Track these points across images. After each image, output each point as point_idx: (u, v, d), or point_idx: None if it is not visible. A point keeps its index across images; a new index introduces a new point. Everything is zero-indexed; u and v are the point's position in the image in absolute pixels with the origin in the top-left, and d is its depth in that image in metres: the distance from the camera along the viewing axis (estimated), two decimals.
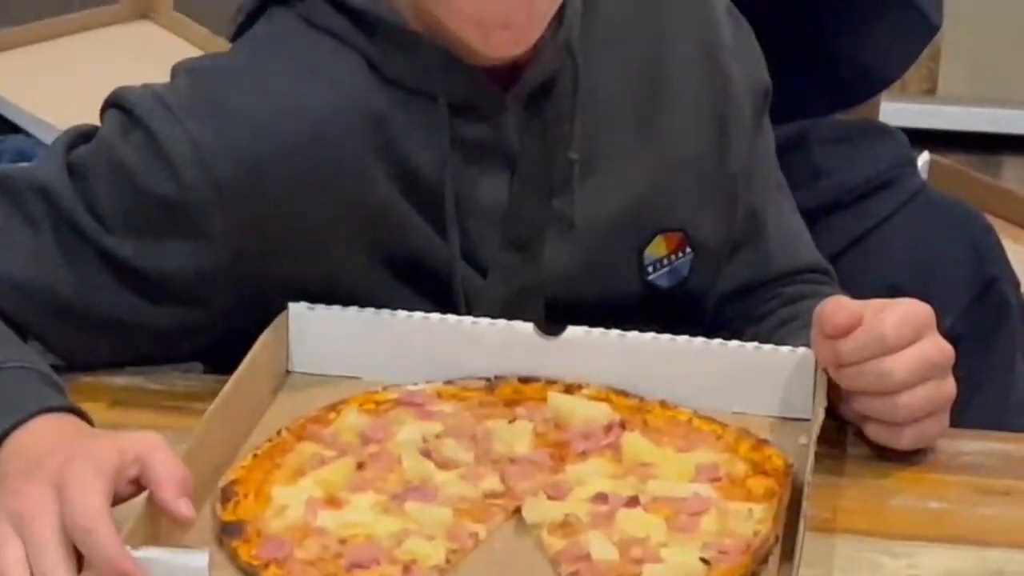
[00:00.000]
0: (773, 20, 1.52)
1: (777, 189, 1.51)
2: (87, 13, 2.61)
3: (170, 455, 1.08)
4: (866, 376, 1.22)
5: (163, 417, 1.15)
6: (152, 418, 1.13)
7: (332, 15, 1.32)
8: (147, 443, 1.08)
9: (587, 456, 1.22)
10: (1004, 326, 1.72)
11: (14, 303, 1.29)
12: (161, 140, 1.27)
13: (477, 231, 1.36)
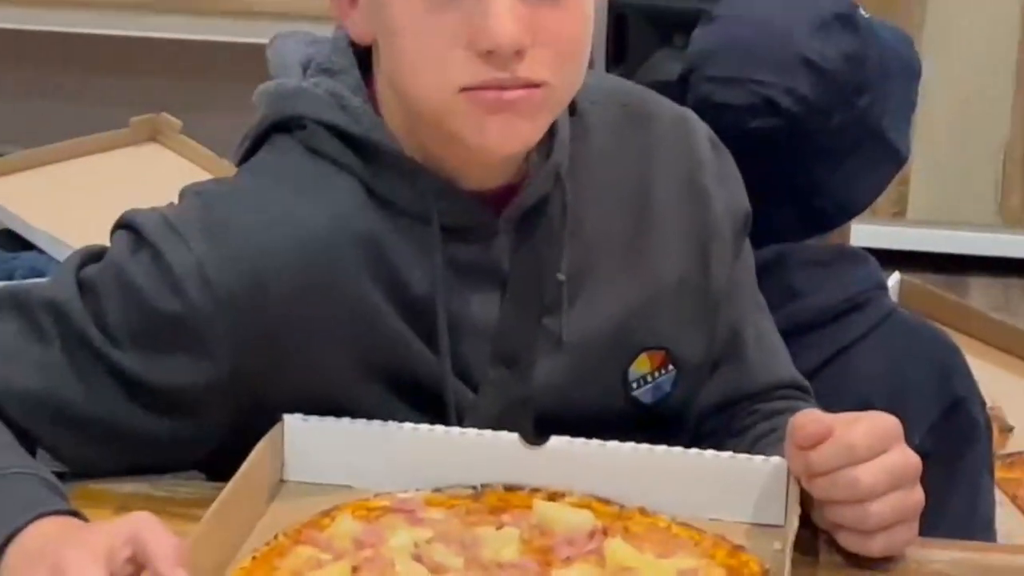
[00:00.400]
0: (753, 154, 1.54)
1: (757, 309, 1.52)
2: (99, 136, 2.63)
3: (161, 529, 1.09)
4: (836, 485, 1.23)
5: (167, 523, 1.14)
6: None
7: (331, 141, 1.33)
8: (137, 522, 1.10)
9: (572, 562, 1.21)
10: (971, 444, 1.73)
11: (24, 413, 1.30)
12: (167, 259, 1.27)
13: (468, 348, 1.36)
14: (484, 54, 1.22)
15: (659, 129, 1.45)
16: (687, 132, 1.47)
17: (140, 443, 1.34)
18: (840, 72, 1.76)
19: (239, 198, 1.35)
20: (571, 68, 1.29)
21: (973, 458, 1.74)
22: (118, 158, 2.62)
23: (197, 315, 1.28)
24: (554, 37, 1.25)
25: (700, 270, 1.44)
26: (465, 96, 1.24)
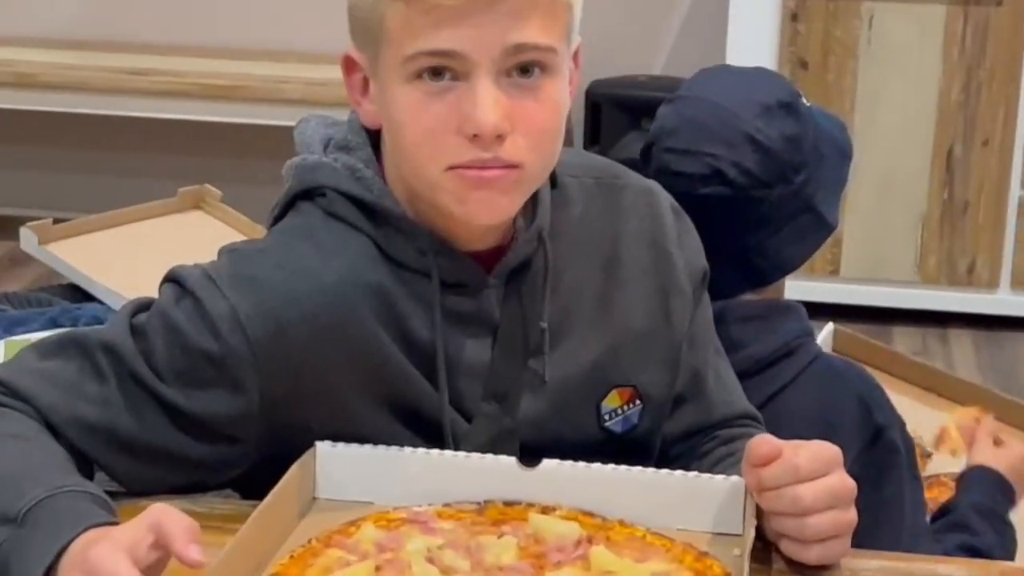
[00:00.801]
0: (702, 217, 1.54)
1: (715, 353, 1.53)
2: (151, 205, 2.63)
3: (177, 514, 1.11)
4: (781, 499, 1.23)
5: (205, 535, 1.13)
6: None
7: (347, 207, 1.34)
8: (155, 511, 1.11)
9: (562, 566, 1.22)
10: (893, 468, 1.74)
11: (84, 440, 1.30)
12: (207, 307, 1.28)
13: (463, 385, 1.37)
14: (470, 137, 1.24)
15: (628, 199, 1.46)
16: (652, 201, 1.48)
17: (183, 465, 1.34)
18: (781, 151, 1.77)
19: (267, 255, 1.35)
20: (545, 152, 1.31)
21: (896, 480, 1.73)
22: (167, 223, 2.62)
23: (231, 355, 1.29)
24: (531, 126, 1.26)
25: (663, 320, 1.45)
26: (452, 173, 1.26)
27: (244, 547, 1.18)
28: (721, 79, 1.89)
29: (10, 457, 1.24)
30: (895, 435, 1.76)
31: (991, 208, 3.74)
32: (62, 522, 1.15)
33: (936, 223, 3.75)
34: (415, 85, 1.27)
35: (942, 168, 3.73)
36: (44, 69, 4.00)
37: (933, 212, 3.75)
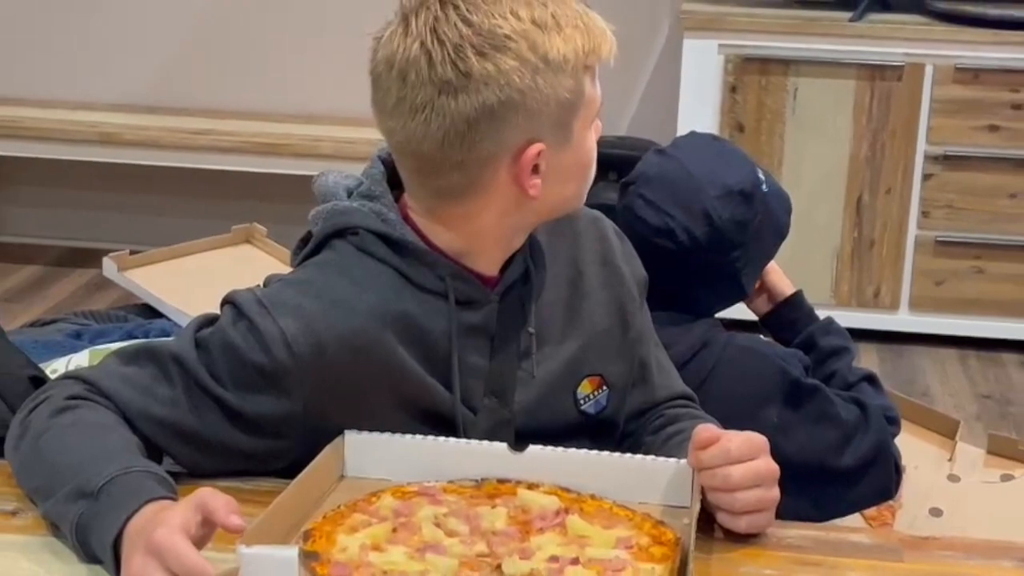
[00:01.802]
0: (646, 260, 1.56)
1: (655, 345, 1.54)
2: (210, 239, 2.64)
3: (219, 493, 1.11)
4: (715, 477, 1.24)
5: (250, 508, 1.14)
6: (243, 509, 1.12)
7: (377, 243, 1.34)
8: (200, 493, 1.11)
9: (544, 531, 1.23)
10: (815, 397, 1.79)
11: (154, 432, 1.30)
12: (260, 328, 1.28)
13: (470, 385, 1.37)
14: None
15: (580, 226, 1.47)
16: (600, 227, 1.50)
17: (236, 456, 1.34)
18: (727, 231, 1.79)
19: (310, 286, 1.35)
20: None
21: (821, 397, 1.78)
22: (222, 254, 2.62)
23: (280, 368, 1.29)
24: None
25: (619, 322, 1.46)
26: None
27: (284, 508, 1.19)
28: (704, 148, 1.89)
29: (93, 442, 1.24)
30: (808, 378, 1.78)
31: (892, 245, 3.74)
32: (129, 496, 1.16)
33: (848, 257, 3.76)
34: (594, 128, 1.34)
35: (853, 212, 3.73)
36: (123, 129, 3.99)
37: (845, 248, 3.75)
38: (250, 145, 3.92)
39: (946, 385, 3.56)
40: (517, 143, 1.28)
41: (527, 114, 1.26)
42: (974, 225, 3.72)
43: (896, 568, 1.24)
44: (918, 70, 3.65)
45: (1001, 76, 3.63)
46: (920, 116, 3.67)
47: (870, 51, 3.65)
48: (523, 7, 1.26)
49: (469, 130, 1.26)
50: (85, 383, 1.31)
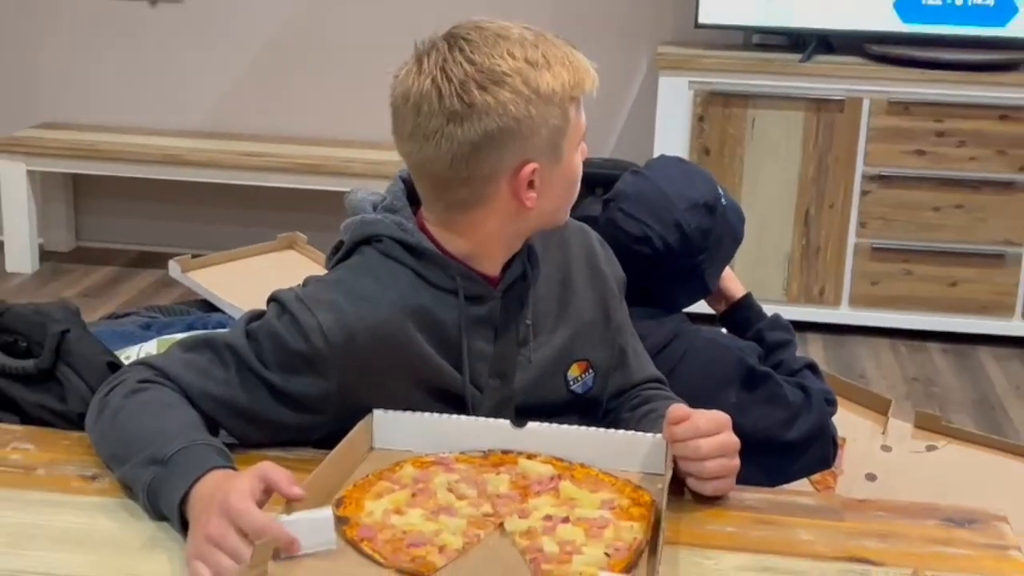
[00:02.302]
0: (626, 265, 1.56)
1: (632, 335, 1.54)
2: (259, 245, 2.65)
3: (279, 467, 1.12)
4: (686, 448, 1.24)
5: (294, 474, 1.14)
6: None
7: (398, 249, 1.34)
8: (263, 466, 1.13)
9: (540, 494, 1.23)
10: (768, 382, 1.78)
11: (212, 409, 1.30)
12: (300, 321, 1.28)
13: (478, 368, 1.37)
14: None
15: (569, 235, 1.47)
16: (585, 236, 1.50)
17: (280, 429, 1.34)
18: (694, 238, 1.79)
19: (342, 285, 1.35)
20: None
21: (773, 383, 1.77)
22: (269, 258, 2.63)
23: (317, 353, 1.28)
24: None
25: (603, 315, 1.45)
26: None
27: (322, 477, 1.18)
28: (672, 168, 1.90)
29: (161, 418, 1.24)
30: (761, 366, 1.78)
31: (835, 251, 3.74)
32: (194, 465, 1.16)
33: (797, 261, 3.75)
34: (580, 150, 1.34)
35: (801, 223, 3.73)
36: (185, 152, 3.98)
37: (795, 253, 3.75)
38: (292, 165, 3.92)
39: (880, 370, 3.56)
40: (515, 162, 1.28)
41: (522, 138, 1.27)
42: (904, 234, 3.71)
43: (838, 527, 1.24)
44: (857, 103, 3.64)
45: (927, 109, 3.63)
46: (859, 142, 3.67)
47: (816, 87, 3.65)
48: (518, 48, 1.26)
49: (473, 152, 1.26)
50: (154, 368, 1.31)
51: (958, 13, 3.71)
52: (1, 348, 1.52)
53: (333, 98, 4.16)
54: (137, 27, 4.20)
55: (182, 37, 4.20)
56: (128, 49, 4.22)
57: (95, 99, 4.27)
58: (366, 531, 1.13)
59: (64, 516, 1.21)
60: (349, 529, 1.13)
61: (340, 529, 1.13)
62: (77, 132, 4.16)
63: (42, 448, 1.35)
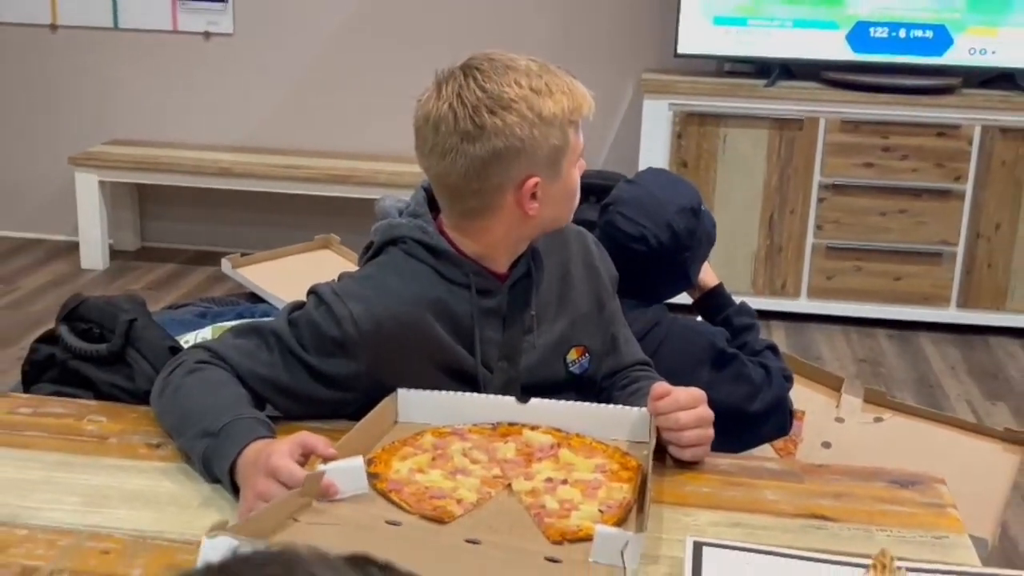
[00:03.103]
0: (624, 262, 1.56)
1: (622, 324, 1.53)
2: (298, 245, 2.65)
3: (313, 434, 1.14)
4: (668, 420, 1.24)
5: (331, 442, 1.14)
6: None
7: (419, 249, 1.33)
8: (301, 433, 1.14)
9: (542, 460, 1.23)
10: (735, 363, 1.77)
11: (259, 387, 1.30)
12: (335, 311, 1.28)
13: (488, 351, 1.36)
14: None
15: (568, 237, 1.46)
16: (582, 237, 1.49)
17: (317, 403, 1.33)
18: (682, 237, 1.78)
19: (371, 280, 1.35)
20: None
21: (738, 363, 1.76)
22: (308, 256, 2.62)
23: (348, 339, 1.28)
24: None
25: (597, 307, 1.44)
26: None
27: (352, 441, 1.19)
28: (660, 177, 1.90)
29: (214, 395, 1.25)
30: (729, 348, 1.78)
31: (795, 250, 3.73)
32: (241, 436, 1.16)
33: (763, 258, 3.74)
34: (578, 166, 1.32)
35: (766, 226, 3.72)
36: (235, 165, 3.98)
37: (761, 252, 3.74)
38: (327, 176, 3.92)
39: (833, 352, 3.55)
40: (519, 177, 1.28)
41: (526, 156, 1.26)
42: (854, 235, 3.70)
43: (798, 488, 1.24)
44: (814, 122, 3.63)
45: (875, 127, 3.62)
46: (816, 156, 3.66)
47: (779, 108, 3.64)
48: (524, 78, 1.26)
49: (483, 167, 1.26)
50: (209, 351, 1.31)
51: (902, 44, 3.70)
52: (78, 334, 1.52)
53: (362, 118, 4.16)
54: (193, 58, 4.21)
55: (231, 66, 4.20)
56: (185, 76, 4.22)
57: (157, 119, 4.27)
58: (394, 484, 1.14)
59: (132, 479, 1.22)
60: (379, 483, 1.14)
61: (371, 483, 1.14)
62: (142, 148, 4.15)
63: (113, 421, 1.36)
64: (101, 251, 4.13)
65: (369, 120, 4.14)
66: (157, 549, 1.08)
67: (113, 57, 4.23)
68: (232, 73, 4.21)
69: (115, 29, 4.19)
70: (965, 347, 3.62)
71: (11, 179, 4.39)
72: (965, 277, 3.69)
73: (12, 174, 4.38)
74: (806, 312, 3.76)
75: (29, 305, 3.74)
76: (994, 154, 3.61)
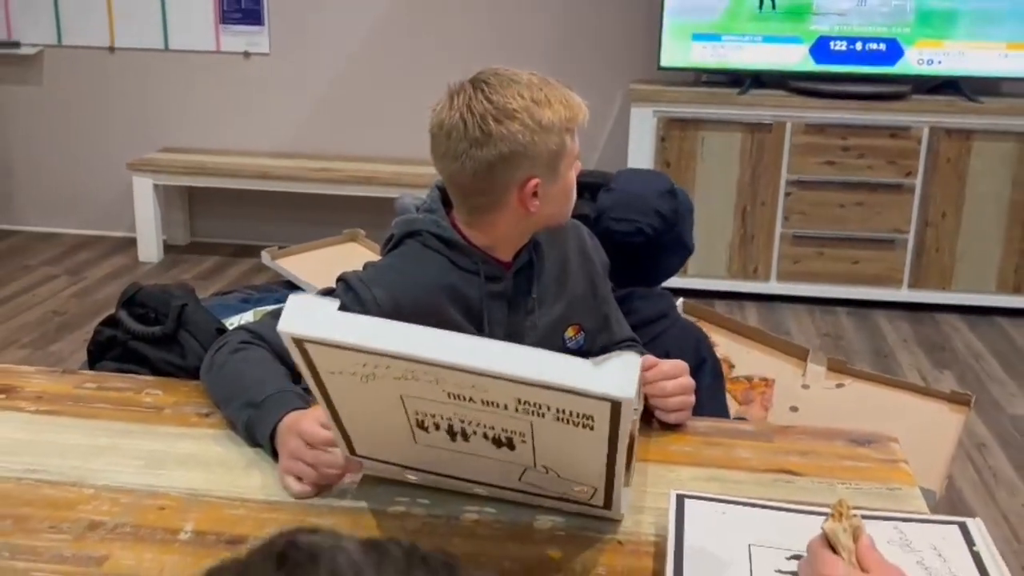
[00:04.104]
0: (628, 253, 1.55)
1: (614, 307, 1.52)
2: (327, 239, 2.67)
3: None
4: (655, 388, 1.24)
5: None
6: None
7: (434, 241, 1.32)
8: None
9: None
10: (712, 378, 1.74)
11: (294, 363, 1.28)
12: (361, 296, 1.27)
13: (495, 332, 1.35)
14: None
15: (566, 230, 1.44)
16: (578, 230, 1.47)
17: None
18: (669, 216, 1.77)
19: (392, 269, 1.33)
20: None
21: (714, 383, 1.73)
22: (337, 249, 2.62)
23: None
24: None
25: (591, 290, 1.43)
26: None
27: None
28: (633, 175, 1.90)
29: (256, 371, 1.24)
30: (711, 359, 1.77)
31: (765, 238, 3.71)
32: (278, 406, 1.15)
33: (737, 246, 3.73)
34: (574, 168, 1.30)
35: (740, 217, 3.70)
36: (273, 168, 3.97)
37: (735, 240, 3.72)
38: (354, 178, 3.90)
39: (800, 327, 3.55)
40: (522, 178, 1.27)
41: (528, 160, 1.25)
42: (818, 225, 3.68)
43: (768, 446, 1.24)
44: (782, 126, 3.61)
45: (835, 130, 3.60)
46: (783, 156, 3.64)
47: (751, 114, 3.62)
48: (525, 90, 1.25)
49: (490, 170, 1.25)
50: (251, 332, 1.30)
51: (858, 56, 3.68)
52: (136, 318, 1.53)
53: (384, 125, 4.14)
54: (235, 74, 4.20)
55: (268, 82, 4.19)
56: (229, 90, 4.21)
57: (203, 129, 4.26)
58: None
59: (185, 444, 1.22)
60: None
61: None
62: (190, 154, 4.15)
63: (168, 393, 1.36)
64: (156, 246, 4.13)
65: (390, 127, 4.12)
66: (207, 505, 1.09)
67: (164, 75, 4.23)
68: (269, 88, 4.20)
69: (165, 50, 4.19)
70: (915, 322, 3.61)
71: (76, 183, 4.39)
72: (915, 261, 3.68)
73: (77, 179, 4.39)
74: (775, 293, 3.75)
75: (94, 294, 3.74)
76: (940, 152, 3.59)
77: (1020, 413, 2.94)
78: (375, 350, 0.90)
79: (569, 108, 1.28)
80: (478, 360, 0.86)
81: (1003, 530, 2.33)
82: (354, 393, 0.95)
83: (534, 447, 0.96)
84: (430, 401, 0.94)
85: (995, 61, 3.63)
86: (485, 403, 0.92)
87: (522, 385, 0.86)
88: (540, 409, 0.89)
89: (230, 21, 4.12)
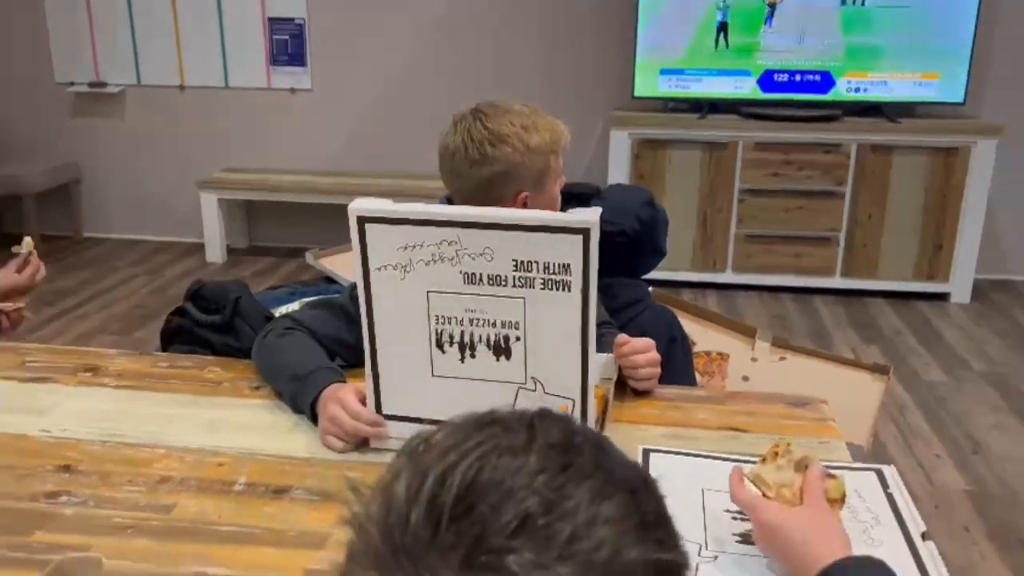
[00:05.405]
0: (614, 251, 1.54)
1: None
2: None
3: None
4: (628, 361, 1.23)
5: None
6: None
7: None
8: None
9: None
10: (681, 352, 1.72)
11: (331, 345, 1.28)
12: None
13: None
14: None
15: None
16: None
17: None
18: (648, 223, 1.76)
19: None
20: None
21: (683, 357, 1.70)
22: None
23: None
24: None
25: None
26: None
27: None
28: (620, 189, 1.89)
29: (299, 351, 1.24)
30: (680, 337, 1.75)
31: (723, 237, 3.69)
32: (320, 380, 1.15)
33: (699, 244, 3.71)
34: (558, 183, 1.28)
35: (702, 221, 3.68)
36: (318, 184, 3.95)
37: (697, 240, 3.70)
38: (382, 191, 3.87)
39: (752, 310, 3.54)
40: (514, 192, 1.26)
41: (519, 177, 1.25)
42: (766, 227, 3.67)
43: (723, 408, 1.24)
44: (735, 144, 3.59)
45: (779, 147, 3.58)
46: (736, 169, 3.62)
47: (710, 135, 3.59)
48: (517, 118, 1.24)
49: (487, 186, 1.24)
50: (294, 320, 1.30)
51: (798, 85, 3.66)
52: (200, 309, 1.53)
53: (408, 147, 4.13)
54: (284, 106, 4.18)
55: (310, 113, 4.17)
56: (278, 119, 4.20)
57: (258, 152, 4.25)
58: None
59: (239, 412, 1.22)
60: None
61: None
62: (248, 173, 4.14)
63: (226, 370, 1.36)
64: (220, 249, 4.12)
65: (411, 148, 4.11)
66: (257, 462, 1.09)
67: (225, 108, 4.22)
68: (311, 118, 4.18)
69: (226, 88, 4.19)
70: (847, 306, 3.60)
71: (154, 198, 4.39)
72: (847, 254, 3.66)
73: (155, 195, 4.39)
74: (731, 283, 3.73)
75: (168, 290, 3.75)
76: (866, 165, 3.57)
77: (934, 379, 2.94)
78: (417, 216, 0.96)
79: (554, 133, 1.27)
80: (488, 216, 0.93)
81: (919, 476, 2.34)
82: (391, 290, 0.98)
83: (526, 345, 0.96)
84: (450, 295, 0.96)
85: (912, 88, 3.62)
86: (491, 280, 0.93)
87: (519, 233, 0.91)
88: (530, 272, 0.91)
89: (279, 63, 4.12)
